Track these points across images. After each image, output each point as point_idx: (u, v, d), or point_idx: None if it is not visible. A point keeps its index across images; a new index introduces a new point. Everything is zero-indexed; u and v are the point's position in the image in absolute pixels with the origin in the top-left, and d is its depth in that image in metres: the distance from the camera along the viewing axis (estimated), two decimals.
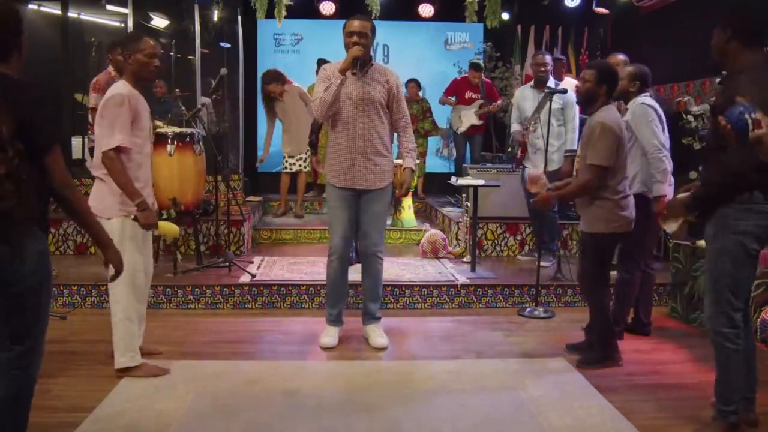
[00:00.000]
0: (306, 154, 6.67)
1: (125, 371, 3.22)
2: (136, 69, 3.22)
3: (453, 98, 7.45)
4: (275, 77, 6.58)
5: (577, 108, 5.14)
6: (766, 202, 2.55)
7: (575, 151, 4.75)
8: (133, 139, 3.16)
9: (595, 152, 3.32)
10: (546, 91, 5.08)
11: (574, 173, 3.67)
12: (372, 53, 3.79)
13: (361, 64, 3.65)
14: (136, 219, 3.13)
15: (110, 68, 4.97)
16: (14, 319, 2.05)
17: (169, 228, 3.17)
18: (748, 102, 2.38)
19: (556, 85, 5.20)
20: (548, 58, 5.32)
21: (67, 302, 4.49)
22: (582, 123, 5.79)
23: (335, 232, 3.79)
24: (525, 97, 5.39)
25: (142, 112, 3.23)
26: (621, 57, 4.43)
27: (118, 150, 3.07)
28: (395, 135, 3.92)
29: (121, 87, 3.19)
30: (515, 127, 5.46)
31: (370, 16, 6.67)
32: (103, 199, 3.16)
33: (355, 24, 3.64)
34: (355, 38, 3.61)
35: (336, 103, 3.65)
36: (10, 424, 2.07)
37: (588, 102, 3.48)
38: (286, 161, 6.73)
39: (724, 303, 2.63)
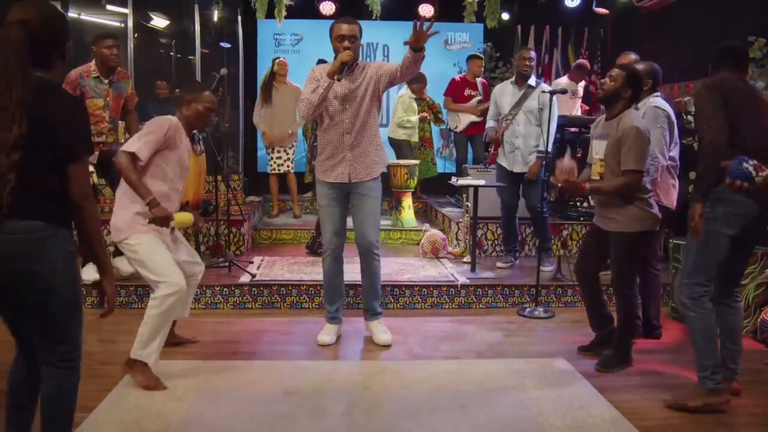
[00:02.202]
0: (291, 152, 6.67)
1: (132, 365, 3.17)
2: (191, 116, 3.38)
3: (452, 99, 7.42)
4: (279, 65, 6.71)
5: (555, 110, 4.95)
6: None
7: (546, 153, 4.70)
8: (160, 164, 3.25)
9: (633, 157, 3.31)
10: (527, 87, 5.08)
11: (597, 176, 3.53)
12: (359, 54, 3.78)
13: (348, 68, 3.64)
14: (152, 221, 3.17)
15: (92, 63, 4.49)
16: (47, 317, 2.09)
17: (181, 218, 3.27)
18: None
19: (537, 83, 5.14)
20: (533, 53, 5.21)
21: None
22: (566, 124, 5.78)
23: (326, 230, 3.84)
24: (504, 93, 5.25)
25: (180, 148, 3.30)
26: (633, 56, 4.37)
27: (133, 156, 3.14)
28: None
29: (173, 118, 3.32)
30: (490, 123, 5.36)
31: (371, 18, 6.69)
32: (116, 223, 3.24)
33: (344, 27, 3.64)
34: (346, 43, 3.61)
35: (322, 105, 3.69)
36: (63, 419, 2.18)
37: (609, 101, 3.44)
38: (273, 162, 6.72)
39: (686, 275, 3.02)
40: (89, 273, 4.59)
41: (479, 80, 7.37)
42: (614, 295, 3.57)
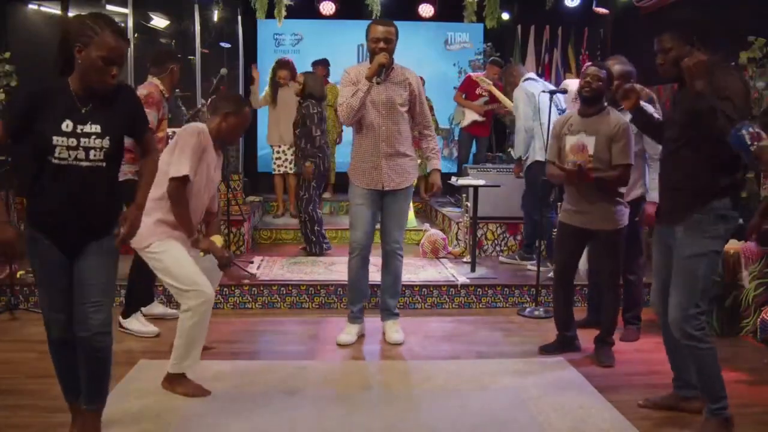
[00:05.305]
0: (290, 152, 6.65)
1: (171, 380, 3.09)
2: (225, 130, 3.22)
3: (464, 96, 7.37)
4: (288, 67, 6.72)
5: (521, 107, 5.04)
6: (734, 209, 2.67)
7: (511, 151, 4.84)
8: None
9: (627, 152, 3.42)
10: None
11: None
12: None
13: (385, 70, 3.66)
14: (205, 253, 3.17)
15: (155, 80, 4.08)
16: None
17: (219, 242, 3.25)
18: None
19: (524, 81, 5.25)
20: (504, 72, 5.55)
21: None
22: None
23: (357, 229, 3.81)
24: None
25: (208, 158, 3.17)
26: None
27: (185, 179, 3.05)
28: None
29: (202, 125, 3.19)
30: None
31: (371, 18, 6.69)
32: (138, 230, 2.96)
33: (380, 29, 3.65)
34: (381, 44, 3.62)
35: (362, 110, 3.69)
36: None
37: (596, 101, 3.49)
38: (275, 162, 6.74)
39: (693, 306, 2.66)
40: (133, 324, 4.03)
41: (499, 84, 7.32)
42: (608, 290, 3.60)
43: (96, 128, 2.36)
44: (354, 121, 3.74)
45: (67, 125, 2.31)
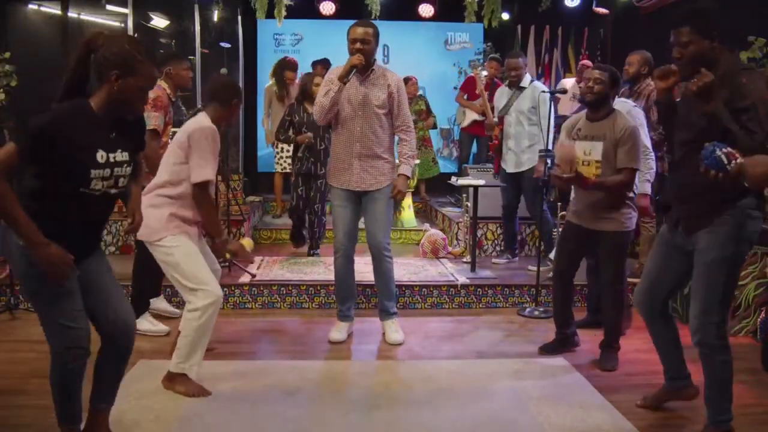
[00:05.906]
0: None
1: (173, 379, 3.09)
2: (228, 117, 3.27)
3: (465, 96, 7.37)
4: (296, 69, 6.76)
5: (552, 106, 5.04)
6: (757, 208, 2.55)
7: (550, 151, 4.81)
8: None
9: (634, 156, 3.41)
10: (517, 88, 5.22)
11: (591, 177, 3.47)
12: (375, 56, 3.80)
13: (360, 70, 3.68)
14: (232, 254, 3.23)
15: (162, 83, 4.09)
16: None
17: (248, 244, 3.25)
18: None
19: (532, 82, 5.22)
20: (520, 61, 5.28)
21: None
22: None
23: (338, 231, 3.84)
24: (501, 95, 5.46)
25: (217, 155, 3.19)
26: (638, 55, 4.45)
27: (208, 183, 3.08)
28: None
29: (210, 122, 3.15)
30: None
31: (371, 18, 6.70)
32: (148, 222, 2.87)
33: (359, 31, 3.67)
34: (358, 45, 3.65)
35: (333, 108, 3.71)
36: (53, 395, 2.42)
37: (600, 103, 3.48)
38: (283, 161, 6.71)
39: (715, 313, 2.56)
40: (143, 324, 4.00)
41: (497, 82, 7.31)
42: (610, 292, 3.59)
43: (125, 156, 2.30)
44: (326, 120, 3.78)
45: (101, 156, 2.22)
